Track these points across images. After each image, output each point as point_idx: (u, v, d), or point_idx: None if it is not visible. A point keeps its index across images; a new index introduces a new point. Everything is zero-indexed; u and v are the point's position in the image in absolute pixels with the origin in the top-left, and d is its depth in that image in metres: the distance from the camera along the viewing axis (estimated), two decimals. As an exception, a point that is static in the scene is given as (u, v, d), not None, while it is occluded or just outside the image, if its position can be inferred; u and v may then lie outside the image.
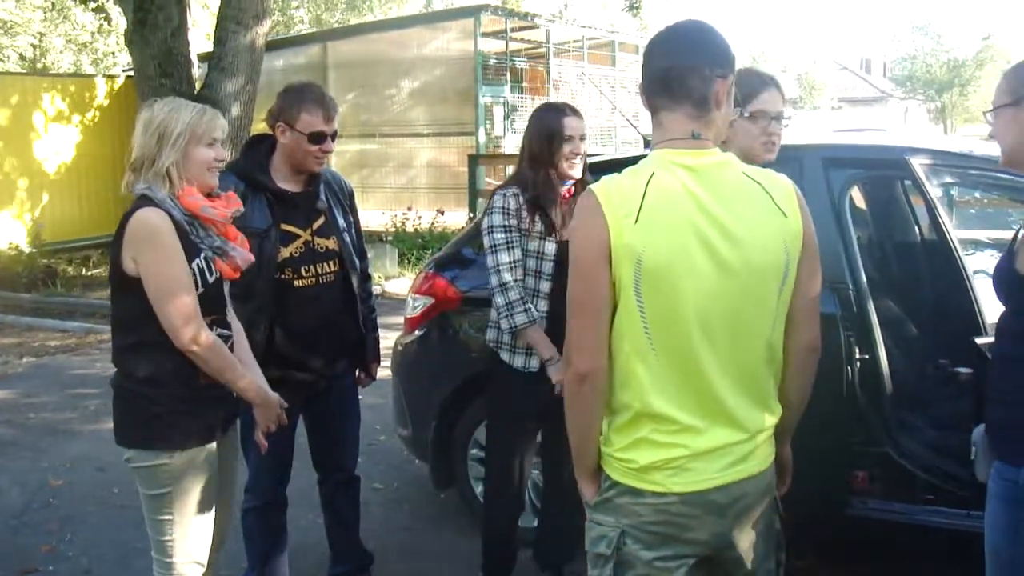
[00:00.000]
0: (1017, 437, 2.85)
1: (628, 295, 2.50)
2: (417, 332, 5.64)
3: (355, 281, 4.50)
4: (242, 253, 3.65)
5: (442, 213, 16.97)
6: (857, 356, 4.26)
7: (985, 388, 3.11)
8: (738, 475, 2.61)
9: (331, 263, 4.39)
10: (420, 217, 17.02)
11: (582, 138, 4.44)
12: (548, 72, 20.89)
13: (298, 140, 4.20)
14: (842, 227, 4.41)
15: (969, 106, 64.53)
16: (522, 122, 19.43)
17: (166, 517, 3.55)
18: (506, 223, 4.40)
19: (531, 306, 4.37)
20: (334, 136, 4.28)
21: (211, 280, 3.52)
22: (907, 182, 4.26)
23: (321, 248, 4.36)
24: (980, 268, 4.23)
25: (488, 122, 19.45)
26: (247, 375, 3.65)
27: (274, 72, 18.65)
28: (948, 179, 4.46)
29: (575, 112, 4.50)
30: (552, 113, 4.49)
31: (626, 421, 2.60)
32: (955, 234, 4.13)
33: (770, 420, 2.70)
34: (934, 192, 4.15)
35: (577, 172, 4.45)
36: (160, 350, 3.43)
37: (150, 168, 3.43)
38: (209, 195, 3.58)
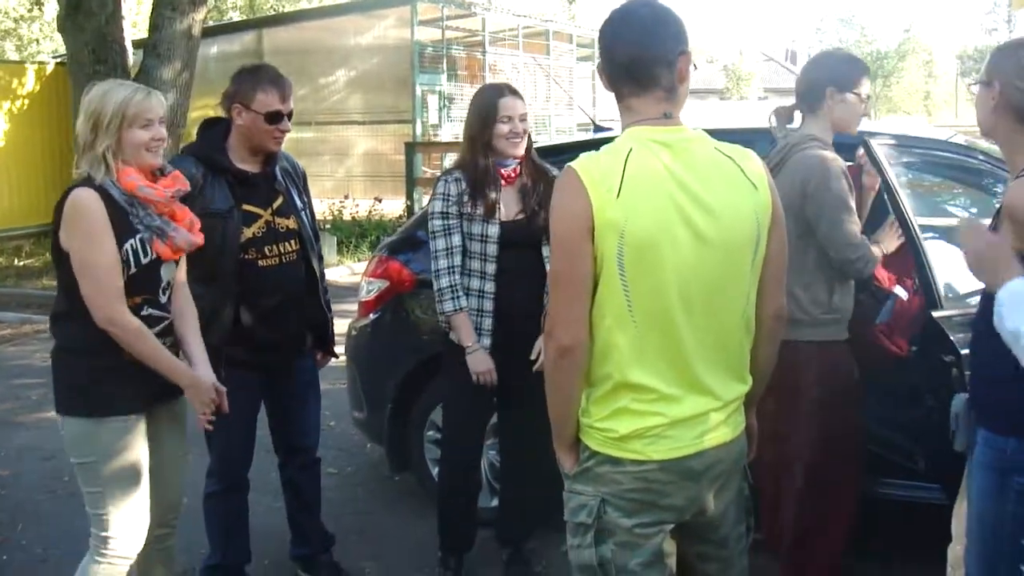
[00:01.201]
0: (1003, 408, 2.93)
1: (611, 268, 2.55)
2: (372, 316, 5.68)
3: (315, 260, 4.51)
4: (184, 235, 3.65)
5: (380, 201, 16.92)
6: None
7: (969, 362, 3.22)
8: (713, 442, 2.69)
9: (292, 242, 4.40)
10: (357, 205, 16.95)
11: (522, 118, 4.47)
12: (484, 60, 20.89)
13: (255, 120, 4.21)
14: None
15: (892, 96, 65.62)
16: (458, 110, 19.45)
17: (96, 489, 3.59)
18: (444, 210, 4.48)
19: (461, 294, 4.45)
20: (290, 115, 4.30)
21: (144, 261, 3.53)
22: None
23: (282, 228, 4.37)
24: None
25: (424, 110, 19.41)
26: (170, 358, 3.65)
27: (208, 60, 18.41)
28: (905, 159, 4.57)
29: (514, 92, 4.54)
30: (489, 92, 4.56)
31: (605, 392, 2.65)
32: (911, 211, 4.22)
33: (742, 389, 2.79)
34: (892, 172, 4.25)
35: (518, 151, 4.47)
36: (81, 320, 3.47)
37: (87, 152, 3.47)
38: (155, 174, 3.61)
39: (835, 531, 4.13)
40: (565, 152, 5.61)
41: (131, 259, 3.48)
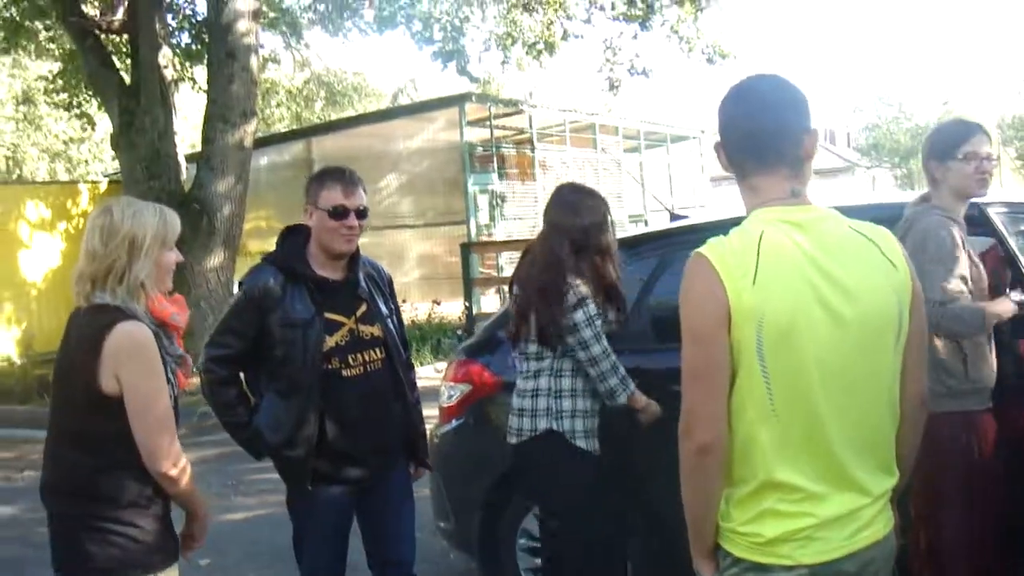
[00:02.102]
0: None
1: (750, 359, 2.40)
2: (455, 422, 5.52)
3: (401, 369, 4.34)
4: (190, 361, 3.51)
5: (438, 303, 16.89)
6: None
7: None
8: (866, 541, 2.51)
9: (377, 351, 4.25)
10: (416, 309, 16.90)
11: None
12: (534, 157, 21.00)
13: (322, 218, 4.12)
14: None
15: (936, 171, 65.55)
16: (510, 208, 19.44)
17: None
18: (598, 311, 4.39)
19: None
20: (360, 213, 4.17)
21: (175, 395, 3.35)
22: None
23: (366, 336, 4.22)
24: None
25: (475, 210, 19.41)
26: (198, 491, 3.50)
27: (259, 171, 18.56)
28: (1022, 227, 4.43)
29: None
30: (602, 199, 4.63)
31: (748, 493, 2.48)
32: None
33: (891, 481, 2.61)
34: (1013, 242, 4.11)
35: None
36: (141, 467, 3.22)
37: (119, 280, 3.23)
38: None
39: None
40: (644, 243, 5.49)
41: (171, 393, 3.30)
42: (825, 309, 2.41)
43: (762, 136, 2.54)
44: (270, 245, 4.35)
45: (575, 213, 4.47)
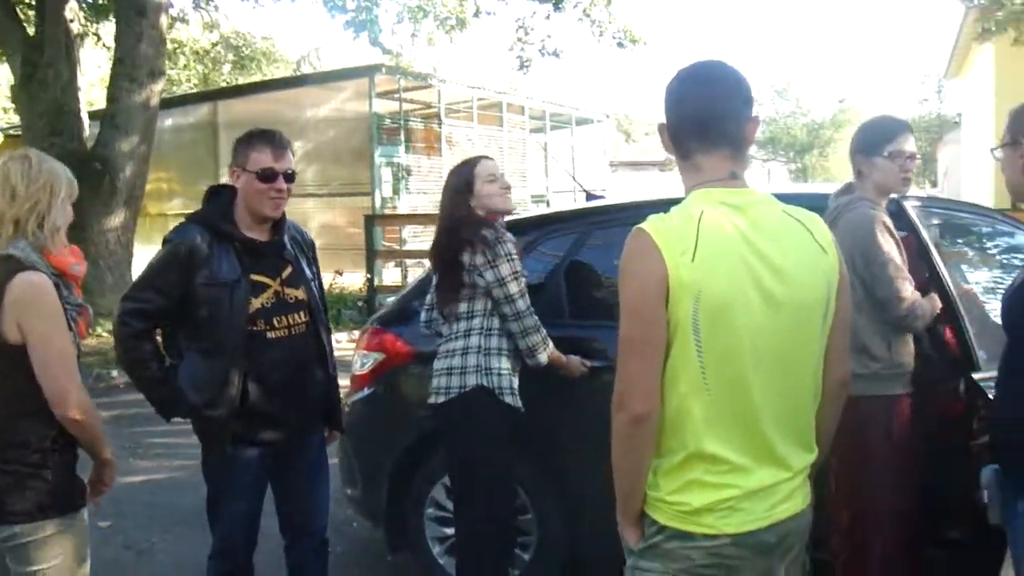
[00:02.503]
0: None
1: (685, 334, 2.48)
2: (367, 390, 5.51)
3: (323, 332, 4.35)
4: (90, 312, 3.55)
5: (340, 274, 16.78)
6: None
7: (996, 428, 3.14)
8: (785, 513, 2.61)
9: (301, 314, 4.24)
10: (318, 278, 16.77)
11: None
12: (441, 132, 20.98)
13: (250, 180, 4.08)
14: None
15: (828, 167, 66.71)
16: (415, 182, 19.41)
17: None
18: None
19: None
20: (288, 177, 4.14)
21: (76, 342, 3.38)
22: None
23: (291, 298, 4.21)
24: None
25: (381, 182, 19.34)
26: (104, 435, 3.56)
27: (163, 132, 18.18)
28: (935, 221, 4.58)
29: None
30: (461, 169, 4.83)
31: (676, 463, 2.56)
32: (945, 272, 4.23)
33: (810, 458, 2.72)
34: (927, 234, 4.24)
35: None
36: (49, 412, 3.27)
37: (39, 223, 3.30)
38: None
39: None
40: (558, 222, 5.53)
41: (74, 341, 3.35)
42: (760, 290, 2.49)
43: (710, 117, 2.63)
44: (170, 207, 4.33)
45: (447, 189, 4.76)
